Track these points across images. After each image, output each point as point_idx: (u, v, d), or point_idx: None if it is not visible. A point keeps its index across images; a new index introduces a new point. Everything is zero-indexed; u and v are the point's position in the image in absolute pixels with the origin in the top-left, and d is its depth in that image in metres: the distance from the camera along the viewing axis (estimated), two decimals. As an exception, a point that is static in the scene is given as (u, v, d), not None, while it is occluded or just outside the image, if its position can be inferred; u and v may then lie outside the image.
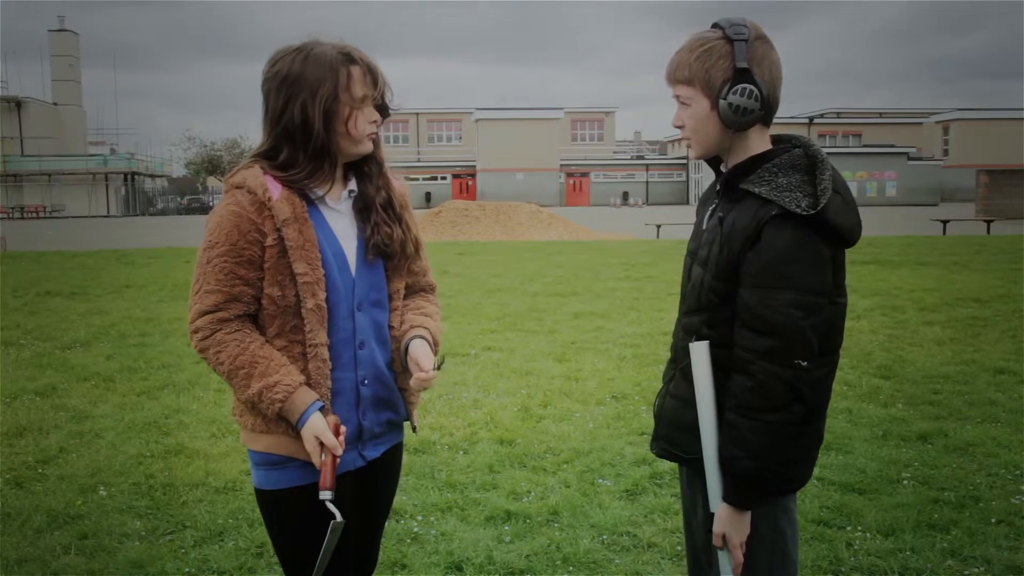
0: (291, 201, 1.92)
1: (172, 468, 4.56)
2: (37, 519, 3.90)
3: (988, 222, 25.49)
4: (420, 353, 2.01)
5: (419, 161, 65.80)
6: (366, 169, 2.06)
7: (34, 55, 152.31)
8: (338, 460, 1.89)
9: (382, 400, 2.06)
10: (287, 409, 1.88)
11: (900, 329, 8.44)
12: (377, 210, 2.04)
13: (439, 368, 2.01)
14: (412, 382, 2.00)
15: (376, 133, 2.02)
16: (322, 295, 1.92)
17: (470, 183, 62.88)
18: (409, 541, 3.67)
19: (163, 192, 66.46)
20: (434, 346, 2.07)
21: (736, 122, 1.78)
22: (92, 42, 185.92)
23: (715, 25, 1.82)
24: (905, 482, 4.23)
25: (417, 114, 68.92)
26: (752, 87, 1.75)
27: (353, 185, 2.04)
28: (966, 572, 3.31)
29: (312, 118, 1.90)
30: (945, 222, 25.14)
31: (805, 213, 1.69)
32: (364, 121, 1.96)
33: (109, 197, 56.99)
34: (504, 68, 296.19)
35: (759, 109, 1.77)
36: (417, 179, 63.54)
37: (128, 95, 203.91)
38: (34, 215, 53.66)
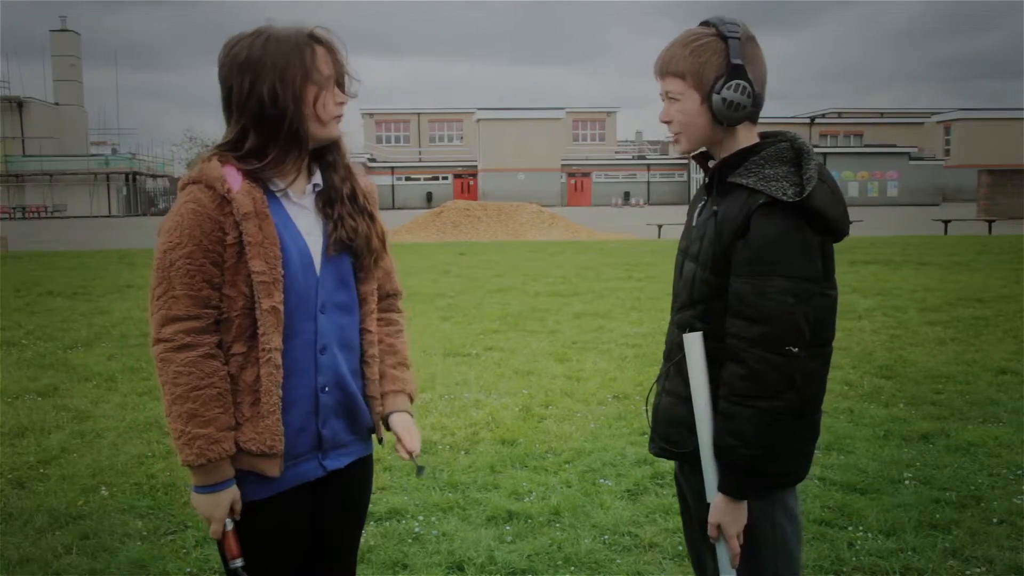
0: (251, 194, 1.80)
1: (174, 468, 4.56)
2: (39, 519, 3.91)
3: (990, 222, 25.47)
4: (404, 434, 2.01)
5: (420, 161, 65.79)
6: (330, 159, 1.95)
7: (35, 55, 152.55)
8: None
9: (345, 408, 1.95)
10: (214, 467, 1.77)
11: (902, 329, 8.43)
12: (343, 202, 1.93)
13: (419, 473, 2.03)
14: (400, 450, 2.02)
15: (341, 116, 1.92)
16: (279, 296, 1.80)
17: (471, 183, 62.88)
18: (410, 541, 3.67)
19: (165, 192, 66.44)
20: (411, 400, 2.09)
21: (728, 117, 1.81)
22: (94, 42, 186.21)
23: (706, 23, 1.84)
24: (907, 482, 4.23)
25: (418, 114, 68.88)
26: (745, 83, 1.79)
27: (318, 179, 1.93)
28: (968, 572, 3.31)
29: (283, 101, 1.79)
30: (947, 222, 25.13)
31: (791, 200, 1.72)
32: (332, 103, 1.86)
33: (111, 197, 57.03)
34: (508, 68, 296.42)
35: (750, 106, 1.81)
36: (418, 179, 63.59)
37: (131, 95, 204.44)
38: (36, 215, 53.71)
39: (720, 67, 1.79)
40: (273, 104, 1.79)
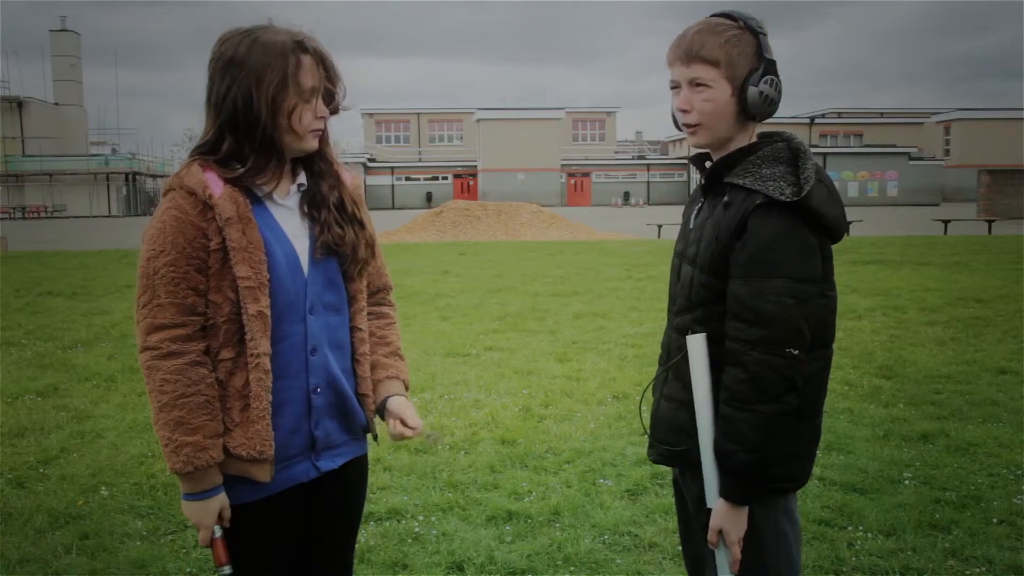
0: (234, 199, 1.78)
1: (173, 468, 4.56)
2: (39, 519, 3.91)
3: (989, 222, 25.49)
4: (405, 412, 1.97)
5: (420, 161, 65.79)
6: (315, 168, 1.93)
7: (35, 55, 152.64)
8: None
9: (337, 408, 1.94)
10: (202, 474, 1.78)
11: (901, 329, 8.43)
12: (329, 209, 1.91)
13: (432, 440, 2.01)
14: (391, 432, 1.97)
15: (323, 130, 1.88)
16: (265, 301, 1.78)
17: (471, 183, 62.86)
18: (410, 541, 3.67)
19: (164, 192, 66.54)
20: (406, 387, 2.06)
21: (761, 111, 1.79)
22: (94, 42, 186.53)
23: (727, 15, 1.81)
24: (906, 482, 4.23)
25: (418, 114, 68.90)
26: (778, 79, 1.78)
27: (303, 179, 1.91)
28: (967, 572, 3.31)
29: (257, 107, 1.77)
30: (946, 222, 25.13)
31: (789, 200, 1.70)
32: (310, 116, 1.83)
33: (110, 197, 57.02)
34: (508, 68, 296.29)
35: (778, 102, 1.80)
36: (418, 179, 63.58)
37: (131, 95, 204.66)
38: (36, 215, 53.72)
39: (753, 61, 1.76)
40: (247, 109, 1.77)
